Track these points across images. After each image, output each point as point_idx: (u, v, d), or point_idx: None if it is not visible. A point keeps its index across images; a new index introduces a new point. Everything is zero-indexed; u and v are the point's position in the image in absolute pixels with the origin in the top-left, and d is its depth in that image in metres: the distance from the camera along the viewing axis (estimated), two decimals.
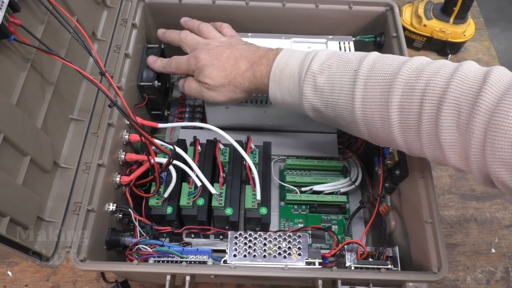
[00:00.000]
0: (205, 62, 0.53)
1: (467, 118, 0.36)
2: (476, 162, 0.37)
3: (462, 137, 0.37)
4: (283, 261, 0.47)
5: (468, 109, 0.36)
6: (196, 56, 0.54)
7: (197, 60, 0.54)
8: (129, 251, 0.51)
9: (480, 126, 0.35)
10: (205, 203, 0.53)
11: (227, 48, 0.54)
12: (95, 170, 0.49)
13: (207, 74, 0.53)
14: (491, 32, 0.94)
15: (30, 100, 0.46)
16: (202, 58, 0.54)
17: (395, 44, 0.63)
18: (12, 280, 0.61)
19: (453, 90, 0.38)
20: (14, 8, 0.41)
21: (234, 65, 0.52)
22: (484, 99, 0.35)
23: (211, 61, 0.53)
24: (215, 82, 0.53)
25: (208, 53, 0.54)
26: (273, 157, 0.64)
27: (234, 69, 0.52)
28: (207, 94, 0.55)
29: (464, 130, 0.37)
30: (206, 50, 0.54)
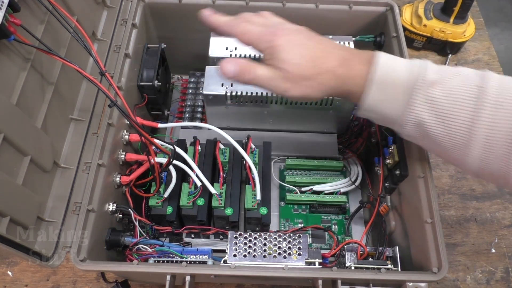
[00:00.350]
0: (286, 43, 0.43)
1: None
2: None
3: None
4: (283, 261, 0.47)
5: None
6: (275, 33, 0.44)
7: (275, 37, 0.43)
8: (129, 251, 0.51)
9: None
10: (205, 203, 0.53)
11: (309, 33, 0.45)
12: (95, 170, 0.49)
13: (287, 59, 0.42)
14: (491, 32, 0.94)
15: (30, 100, 0.46)
16: (282, 36, 0.43)
17: (395, 44, 0.63)
18: (12, 280, 0.61)
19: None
20: (14, 8, 0.41)
21: (323, 56, 0.43)
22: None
23: (294, 43, 0.43)
24: (297, 72, 0.42)
25: (289, 33, 0.44)
26: (273, 157, 0.64)
27: (323, 62, 0.43)
28: (280, 85, 0.43)
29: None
30: (286, 30, 0.44)
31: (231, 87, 0.60)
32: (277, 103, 0.61)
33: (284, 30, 0.44)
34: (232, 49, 0.64)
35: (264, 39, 0.44)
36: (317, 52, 0.43)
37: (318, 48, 0.44)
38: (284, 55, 0.42)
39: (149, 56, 0.64)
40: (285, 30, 0.45)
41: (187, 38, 0.71)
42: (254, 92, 0.59)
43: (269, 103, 0.61)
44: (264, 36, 0.44)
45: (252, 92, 0.59)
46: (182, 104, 0.71)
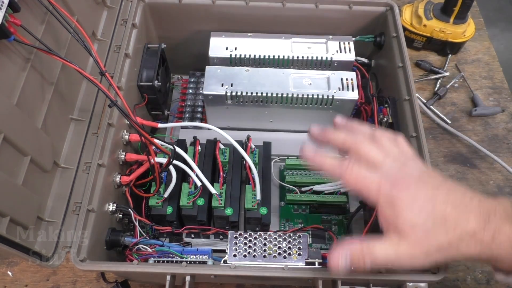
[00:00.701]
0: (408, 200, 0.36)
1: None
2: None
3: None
4: (283, 261, 0.47)
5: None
6: (394, 183, 0.37)
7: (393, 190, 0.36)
8: (129, 251, 0.51)
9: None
10: (205, 203, 0.53)
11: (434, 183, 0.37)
12: (95, 170, 0.49)
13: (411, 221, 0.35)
14: (491, 32, 0.94)
15: (30, 100, 0.46)
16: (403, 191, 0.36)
17: (395, 44, 0.63)
18: (12, 280, 0.61)
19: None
20: (14, 8, 0.41)
21: (458, 215, 0.35)
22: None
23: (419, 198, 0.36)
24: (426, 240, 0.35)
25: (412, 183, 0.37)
26: (273, 157, 0.64)
27: (459, 224, 0.35)
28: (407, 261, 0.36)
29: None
30: (408, 178, 0.37)
31: (231, 87, 0.60)
32: (277, 103, 0.61)
33: (406, 179, 0.37)
34: (232, 49, 0.64)
35: (381, 191, 0.37)
36: (449, 210, 0.35)
37: (450, 202, 0.36)
38: (406, 215, 0.35)
39: (149, 56, 0.64)
40: (408, 179, 0.37)
41: (187, 38, 0.71)
42: (254, 92, 0.59)
43: (269, 103, 0.61)
44: (381, 188, 0.37)
45: (252, 92, 0.59)
46: (182, 104, 0.71)
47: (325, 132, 0.43)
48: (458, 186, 0.38)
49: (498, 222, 0.34)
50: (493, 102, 0.80)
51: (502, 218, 0.35)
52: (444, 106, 0.80)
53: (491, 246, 0.34)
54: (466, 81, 0.82)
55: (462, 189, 0.37)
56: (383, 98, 0.61)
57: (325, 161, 0.41)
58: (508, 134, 0.77)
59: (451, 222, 0.35)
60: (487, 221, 0.34)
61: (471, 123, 0.78)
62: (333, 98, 0.59)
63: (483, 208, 0.35)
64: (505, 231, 0.34)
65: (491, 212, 0.35)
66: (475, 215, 0.35)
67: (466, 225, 0.35)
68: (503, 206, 0.35)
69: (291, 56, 0.64)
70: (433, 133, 0.77)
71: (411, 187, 0.37)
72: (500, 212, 0.35)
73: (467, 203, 0.36)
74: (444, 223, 0.35)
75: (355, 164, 0.39)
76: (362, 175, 0.38)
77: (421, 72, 0.84)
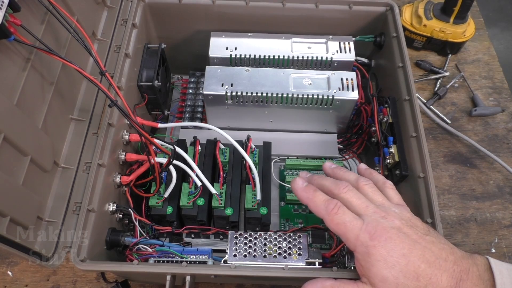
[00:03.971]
0: (384, 252, 0.37)
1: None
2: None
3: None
4: (283, 261, 0.47)
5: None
6: (373, 234, 0.38)
7: (371, 243, 0.37)
8: (129, 251, 0.50)
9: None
10: (205, 203, 0.53)
11: (414, 236, 0.38)
12: (95, 170, 0.49)
13: (384, 273, 0.36)
14: (491, 32, 0.94)
15: (30, 100, 0.46)
16: (381, 244, 0.37)
17: (395, 44, 0.63)
18: (12, 280, 0.61)
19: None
20: (14, 8, 0.41)
21: (431, 274, 0.36)
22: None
23: (394, 253, 0.37)
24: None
25: (391, 238, 0.37)
26: (273, 157, 0.64)
27: (431, 283, 0.36)
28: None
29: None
30: (386, 230, 0.38)
31: (231, 87, 0.60)
32: (277, 103, 0.61)
33: (385, 231, 0.38)
34: (232, 49, 0.64)
35: (359, 240, 0.38)
36: (423, 267, 0.36)
37: (425, 260, 0.36)
38: (379, 268, 0.37)
39: (149, 56, 0.64)
40: (387, 231, 0.38)
41: (187, 38, 0.71)
42: (254, 92, 0.59)
43: (269, 103, 0.61)
44: (359, 236, 0.38)
45: (252, 92, 0.59)
46: (182, 104, 0.71)
47: (312, 178, 0.45)
48: (437, 241, 0.39)
49: (469, 285, 0.36)
50: (493, 102, 0.80)
51: (474, 281, 0.36)
52: (444, 106, 0.80)
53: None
54: (466, 81, 0.82)
55: (440, 245, 0.38)
56: (383, 98, 0.61)
57: (313, 199, 0.42)
58: (508, 134, 0.77)
59: (424, 280, 0.36)
60: (458, 283, 0.36)
61: (471, 123, 0.78)
62: (333, 98, 0.59)
63: (457, 268, 0.37)
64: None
65: (463, 274, 0.36)
66: (447, 276, 0.36)
67: (437, 285, 0.36)
68: (476, 267, 0.37)
69: (291, 56, 0.64)
70: (433, 133, 0.77)
71: (389, 241, 0.37)
72: (473, 274, 0.37)
73: (441, 263, 0.37)
74: (416, 279, 0.36)
75: (340, 209, 0.40)
76: (344, 220, 0.39)
77: (421, 72, 0.84)
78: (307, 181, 0.45)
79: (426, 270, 0.36)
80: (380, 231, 0.38)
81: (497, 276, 0.36)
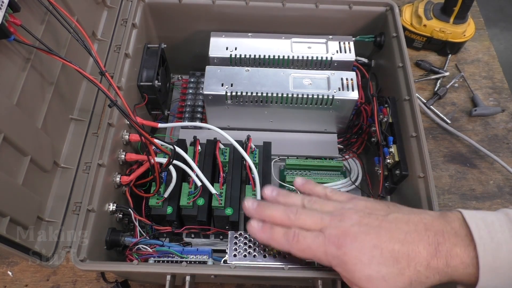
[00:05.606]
0: (356, 253, 0.36)
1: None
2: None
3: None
4: (283, 261, 0.47)
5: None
6: (337, 242, 0.37)
7: (339, 246, 0.37)
8: (129, 251, 0.51)
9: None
10: (205, 203, 0.53)
11: (375, 223, 0.37)
12: (95, 170, 0.49)
13: (366, 272, 0.36)
14: (491, 32, 0.94)
15: (30, 100, 0.46)
16: (349, 245, 0.36)
17: (395, 44, 0.63)
18: (12, 280, 0.61)
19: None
20: (14, 8, 0.41)
21: (408, 250, 0.35)
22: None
23: (365, 249, 0.36)
24: (390, 283, 0.35)
25: (356, 236, 0.37)
26: (273, 157, 0.64)
27: (412, 259, 0.35)
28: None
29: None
30: (348, 231, 0.37)
31: (231, 87, 0.60)
32: (277, 103, 0.61)
33: (347, 234, 0.37)
34: (232, 49, 0.64)
35: (327, 248, 0.37)
36: (397, 248, 0.35)
37: (395, 239, 0.36)
38: (359, 271, 0.36)
39: (149, 56, 0.64)
40: (349, 233, 0.37)
41: (187, 38, 0.71)
42: (254, 92, 0.59)
43: (269, 103, 0.61)
44: (326, 244, 0.37)
45: (252, 92, 0.59)
46: (182, 104, 0.71)
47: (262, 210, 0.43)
48: (401, 215, 0.38)
49: (448, 246, 0.35)
50: (493, 102, 0.80)
51: (451, 240, 0.35)
52: (444, 106, 0.80)
53: (447, 271, 0.35)
54: (466, 81, 0.82)
55: (405, 218, 0.37)
56: (383, 98, 0.61)
57: (273, 237, 0.41)
58: (508, 134, 0.77)
59: (403, 260, 0.35)
60: (437, 248, 0.35)
61: (471, 123, 0.78)
62: (333, 98, 0.59)
63: (431, 234, 0.36)
64: (456, 254, 0.35)
65: (439, 237, 0.35)
66: (424, 245, 0.35)
67: (418, 258, 0.35)
68: (450, 226, 0.36)
69: (291, 56, 0.64)
70: (433, 133, 0.77)
71: (354, 240, 0.37)
72: (449, 234, 0.35)
73: (413, 235, 0.36)
74: (396, 263, 0.35)
75: (300, 235, 0.39)
76: (307, 244, 0.39)
77: (421, 72, 0.84)
78: (257, 215, 0.43)
79: (402, 249, 0.35)
80: (343, 236, 0.37)
81: (474, 230, 0.35)
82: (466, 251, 0.35)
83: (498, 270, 0.34)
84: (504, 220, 0.36)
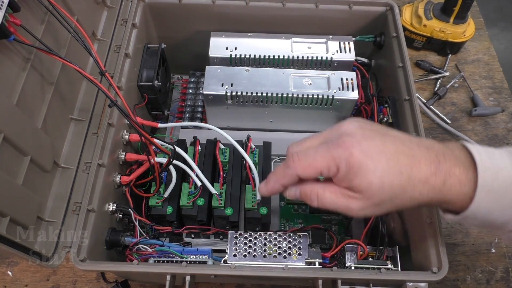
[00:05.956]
0: (364, 159, 0.34)
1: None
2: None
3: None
4: (283, 261, 0.47)
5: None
6: (346, 146, 0.35)
7: (349, 153, 0.35)
8: (129, 251, 0.50)
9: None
10: (205, 203, 0.53)
11: (383, 135, 0.36)
12: (95, 170, 0.49)
13: (369, 179, 0.34)
14: (491, 32, 0.94)
15: (30, 100, 0.46)
16: (357, 149, 0.35)
17: (395, 44, 0.63)
18: (12, 280, 0.61)
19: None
20: (14, 8, 0.41)
21: (411, 164, 0.35)
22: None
23: (374, 156, 0.35)
24: (381, 195, 0.35)
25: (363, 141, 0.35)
26: (273, 157, 0.64)
27: (413, 171, 0.34)
28: (359, 211, 0.36)
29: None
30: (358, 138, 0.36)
31: (231, 87, 0.60)
32: (277, 103, 0.61)
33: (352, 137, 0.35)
34: (232, 49, 0.64)
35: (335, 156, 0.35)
36: (402, 158, 0.35)
37: (401, 151, 0.35)
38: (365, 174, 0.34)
39: (149, 56, 0.64)
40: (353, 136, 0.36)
41: (187, 38, 0.71)
42: (254, 92, 0.59)
43: (269, 103, 0.61)
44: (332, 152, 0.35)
45: (252, 92, 0.59)
46: (182, 104, 0.71)
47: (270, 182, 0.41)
48: (401, 134, 0.38)
49: (447, 165, 0.35)
50: (493, 102, 0.80)
51: (451, 161, 0.35)
52: (444, 106, 0.80)
53: (442, 190, 0.35)
54: (466, 81, 0.82)
55: (406, 137, 0.37)
56: (383, 98, 0.61)
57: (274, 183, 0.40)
58: (508, 134, 0.77)
59: (406, 171, 0.35)
60: (438, 166, 0.35)
61: (471, 123, 0.78)
62: (333, 98, 0.59)
63: (432, 153, 0.35)
64: (454, 173, 0.35)
65: (440, 157, 0.35)
66: (425, 162, 0.35)
67: (418, 173, 0.35)
68: (450, 150, 0.36)
69: (291, 56, 0.64)
70: (433, 133, 0.77)
71: (360, 142, 0.35)
72: (449, 156, 0.35)
73: (415, 150, 0.36)
74: (399, 174, 0.34)
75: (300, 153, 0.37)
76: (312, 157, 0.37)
77: (421, 72, 0.84)
78: (270, 190, 0.41)
79: (405, 161, 0.35)
80: (348, 137, 0.36)
81: (475, 154, 0.35)
82: (465, 172, 0.35)
83: (495, 192, 0.34)
84: (505, 153, 0.36)
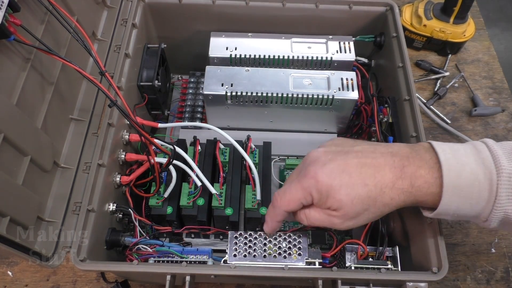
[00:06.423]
0: (329, 181, 0.38)
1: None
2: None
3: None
4: (283, 261, 0.47)
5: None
6: (311, 175, 0.39)
7: (315, 181, 0.39)
8: (129, 251, 0.50)
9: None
10: (205, 203, 0.53)
11: (345, 153, 0.40)
12: (95, 170, 0.49)
13: (338, 198, 0.38)
14: (491, 32, 0.94)
15: (30, 100, 0.46)
16: (321, 175, 0.38)
17: (395, 44, 0.63)
18: (12, 280, 0.61)
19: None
20: (14, 8, 0.41)
21: (374, 174, 0.37)
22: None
23: (336, 177, 0.38)
24: (354, 208, 0.38)
25: (325, 166, 0.39)
26: (273, 157, 0.64)
27: (378, 180, 0.37)
28: (342, 225, 0.40)
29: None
30: (320, 164, 0.39)
31: (231, 87, 0.60)
32: (277, 103, 0.61)
33: (317, 164, 0.39)
34: (232, 49, 0.64)
35: (306, 187, 0.39)
36: (365, 171, 0.38)
37: (363, 164, 0.38)
38: (334, 196, 0.38)
39: (149, 56, 0.64)
40: (319, 164, 0.39)
41: (187, 38, 0.71)
42: (254, 92, 0.59)
43: (269, 103, 0.61)
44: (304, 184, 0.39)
45: (252, 92, 0.59)
46: (182, 104, 0.71)
47: None
48: (366, 146, 0.40)
49: (412, 168, 0.37)
50: (493, 102, 0.80)
51: (416, 163, 0.37)
52: (444, 106, 0.80)
53: (412, 192, 0.37)
54: (466, 81, 0.82)
55: (371, 148, 0.40)
56: (383, 98, 0.61)
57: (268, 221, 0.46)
58: (508, 134, 0.77)
59: (370, 181, 0.37)
60: (402, 170, 0.37)
61: (471, 123, 0.78)
62: (333, 98, 0.59)
63: (396, 158, 0.38)
64: (421, 174, 0.37)
65: (404, 161, 0.38)
66: (389, 168, 0.37)
67: (384, 180, 0.37)
68: (416, 153, 0.38)
69: (291, 56, 0.64)
70: (433, 133, 0.77)
71: (323, 168, 0.39)
72: (414, 158, 0.38)
73: (379, 159, 0.38)
74: (364, 185, 0.37)
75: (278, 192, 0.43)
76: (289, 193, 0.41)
77: (421, 72, 0.84)
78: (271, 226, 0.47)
79: (368, 172, 0.38)
80: (312, 165, 0.40)
81: (440, 153, 0.37)
82: (430, 172, 0.37)
83: (460, 188, 0.36)
84: (469, 148, 0.38)
